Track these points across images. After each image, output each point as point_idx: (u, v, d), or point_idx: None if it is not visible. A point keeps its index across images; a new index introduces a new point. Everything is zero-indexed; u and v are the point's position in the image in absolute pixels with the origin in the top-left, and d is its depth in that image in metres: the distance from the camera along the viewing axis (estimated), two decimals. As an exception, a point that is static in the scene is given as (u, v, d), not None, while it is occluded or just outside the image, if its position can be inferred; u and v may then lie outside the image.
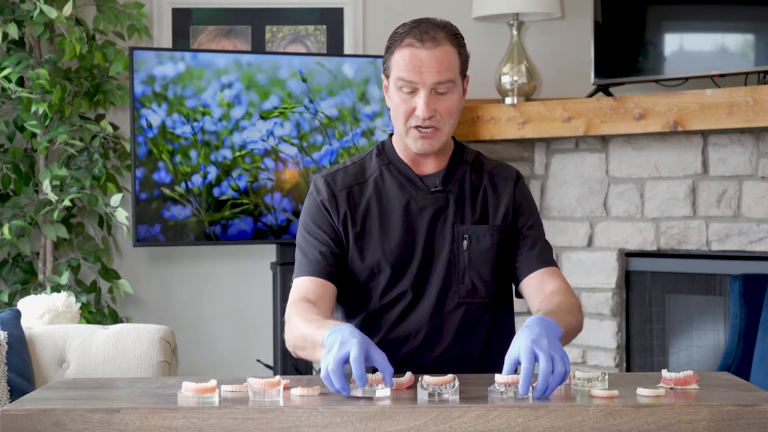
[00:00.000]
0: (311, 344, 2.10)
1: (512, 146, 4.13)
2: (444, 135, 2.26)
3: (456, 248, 2.28)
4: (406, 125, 2.25)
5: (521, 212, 2.34)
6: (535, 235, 2.34)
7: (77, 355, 2.80)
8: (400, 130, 2.28)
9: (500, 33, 4.16)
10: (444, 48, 2.21)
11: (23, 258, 4.00)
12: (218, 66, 3.74)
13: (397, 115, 2.26)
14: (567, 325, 2.11)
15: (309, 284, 2.26)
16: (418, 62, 2.20)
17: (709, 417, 1.78)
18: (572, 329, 2.18)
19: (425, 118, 2.21)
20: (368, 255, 2.28)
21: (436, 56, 2.20)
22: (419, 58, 2.20)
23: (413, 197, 2.30)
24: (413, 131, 2.24)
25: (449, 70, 2.22)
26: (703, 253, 3.76)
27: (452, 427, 1.77)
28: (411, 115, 2.23)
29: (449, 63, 2.22)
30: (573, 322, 2.18)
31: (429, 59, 2.20)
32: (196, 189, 3.73)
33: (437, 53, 2.20)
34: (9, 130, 3.94)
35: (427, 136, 2.24)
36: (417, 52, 2.21)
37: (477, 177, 2.35)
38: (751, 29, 3.63)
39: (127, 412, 1.78)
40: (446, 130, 2.25)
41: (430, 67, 2.20)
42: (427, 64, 2.20)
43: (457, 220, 2.30)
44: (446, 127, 2.25)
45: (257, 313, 4.26)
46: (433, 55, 2.20)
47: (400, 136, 2.29)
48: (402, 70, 2.22)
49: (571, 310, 2.20)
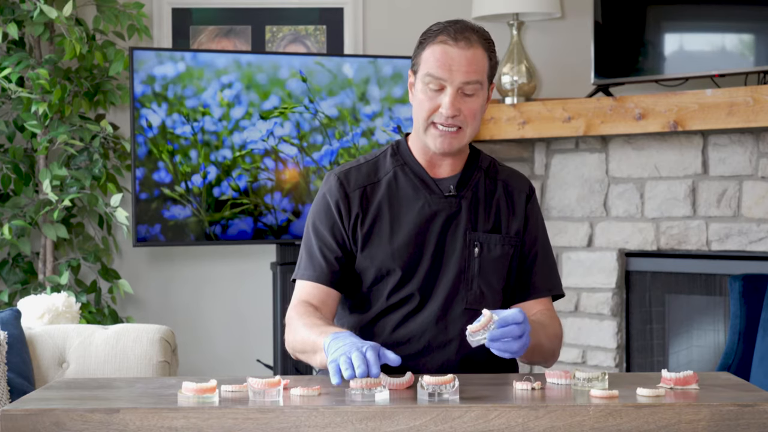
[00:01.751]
0: (311, 348, 2.11)
1: (512, 146, 4.13)
2: (465, 137, 2.25)
3: (467, 255, 2.28)
4: (427, 121, 2.24)
5: (528, 232, 2.35)
6: (537, 259, 2.36)
7: (77, 355, 2.80)
8: (419, 128, 2.26)
9: (500, 33, 4.16)
10: (476, 50, 2.22)
11: (23, 258, 4.00)
12: (218, 66, 3.74)
13: (419, 112, 2.25)
14: (536, 342, 2.17)
15: (312, 290, 2.27)
16: (449, 60, 2.20)
17: (709, 417, 1.78)
18: (541, 348, 2.23)
19: (449, 116, 2.21)
20: (378, 255, 2.27)
21: (468, 56, 2.20)
22: (450, 56, 2.20)
23: (427, 200, 2.29)
24: (433, 129, 2.23)
25: (478, 72, 2.21)
26: (703, 253, 3.76)
27: (452, 427, 1.77)
28: (434, 113, 2.22)
29: (479, 65, 2.22)
30: (545, 344, 2.24)
31: (460, 58, 2.20)
32: (196, 189, 3.73)
33: (469, 54, 2.20)
34: (9, 130, 3.94)
35: (447, 135, 2.23)
36: (449, 49, 2.20)
37: (491, 184, 2.34)
38: (751, 29, 3.63)
39: (127, 412, 1.78)
40: (468, 132, 2.24)
41: (461, 66, 2.20)
42: (458, 62, 2.20)
43: (470, 226, 2.29)
44: (468, 129, 2.24)
45: (257, 313, 4.26)
46: (464, 55, 2.20)
47: (419, 134, 2.28)
48: (432, 66, 2.21)
49: (549, 335, 2.27)
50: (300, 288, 2.29)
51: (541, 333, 2.23)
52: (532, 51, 4.19)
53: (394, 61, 3.90)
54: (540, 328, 2.23)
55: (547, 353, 2.29)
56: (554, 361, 2.36)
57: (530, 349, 2.14)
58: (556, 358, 2.36)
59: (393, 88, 3.89)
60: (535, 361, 2.31)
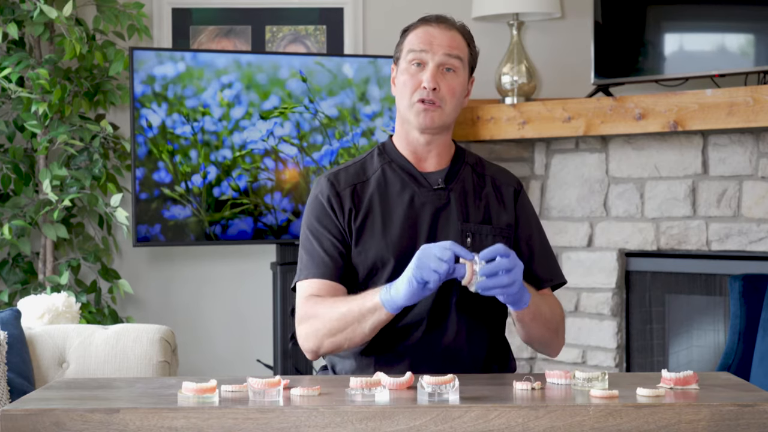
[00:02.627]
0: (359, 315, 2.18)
1: (512, 146, 4.13)
2: (445, 114, 2.32)
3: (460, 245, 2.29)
4: (410, 99, 2.31)
5: (521, 229, 2.38)
6: (534, 255, 2.38)
7: (77, 355, 2.80)
8: (404, 109, 2.33)
9: (500, 33, 4.16)
10: (456, 33, 2.34)
11: (23, 258, 4.00)
12: (218, 66, 3.74)
13: (403, 93, 2.33)
14: (536, 308, 2.22)
15: (318, 285, 2.30)
16: (430, 37, 2.32)
17: (709, 417, 1.78)
18: (542, 316, 2.26)
19: (430, 89, 2.28)
20: (372, 249, 2.29)
21: (448, 35, 2.33)
22: (432, 34, 2.32)
23: (416, 193, 2.33)
24: (417, 105, 2.30)
25: (459, 49, 2.33)
26: (703, 253, 3.76)
27: (452, 427, 1.77)
28: (417, 89, 2.30)
29: (459, 44, 2.34)
30: (546, 312, 2.27)
31: (441, 36, 2.32)
32: (196, 189, 3.73)
33: (450, 33, 2.33)
34: (9, 130, 3.94)
35: (429, 109, 2.29)
36: (430, 29, 2.33)
37: (479, 179, 2.39)
38: (751, 29, 3.63)
39: (127, 412, 1.78)
40: (447, 109, 2.31)
41: (442, 41, 2.31)
42: (439, 39, 2.31)
43: (462, 218, 2.31)
44: (447, 106, 2.31)
45: (257, 313, 4.26)
46: (445, 34, 2.33)
47: (404, 118, 2.34)
48: (414, 43, 2.33)
49: (550, 304, 2.31)
50: (305, 287, 2.31)
51: (540, 302, 2.26)
52: (532, 51, 4.19)
53: (394, 61, 3.90)
54: (540, 299, 2.27)
55: (550, 327, 2.29)
56: (560, 344, 2.37)
57: (530, 313, 2.20)
58: (561, 341, 2.36)
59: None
60: (540, 337, 2.31)
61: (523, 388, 1.94)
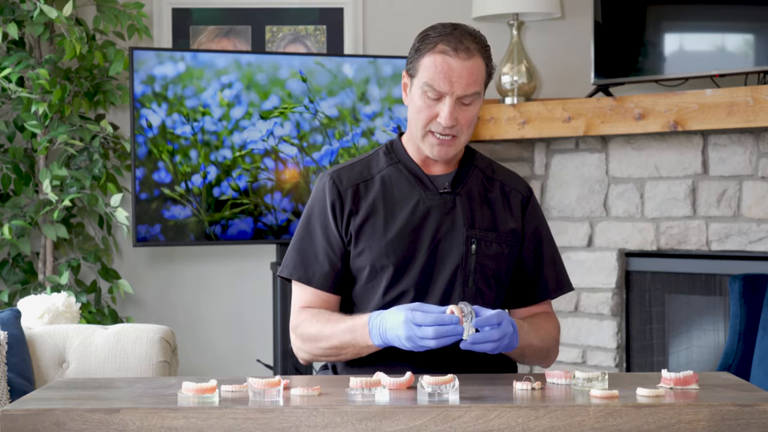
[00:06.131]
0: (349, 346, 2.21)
1: (512, 146, 4.13)
2: (460, 144, 2.28)
3: (464, 251, 2.28)
4: (424, 129, 2.25)
5: (527, 237, 2.37)
6: (544, 265, 2.39)
7: (77, 355, 2.80)
8: (416, 134, 2.28)
9: (500, 33, 4.16)
10: (476, 60, 2.23)
11: (23, 258, 4.00)
12: (218, 66, 3.74)
13: (417, 119, 2.26)
14: (527, 343, 2.22)
15: (312, 297, 2.31)
16: (450, 71, 2.20)
17: (709, 417, 1.78)
18: (532, 349, 2.27)
19: (447, 126, 2.22)
20: (371, 251, 2.28)
21: (468, 67, 2.21)
22: (451, 68, 2.20)
23: (421, 197, 2.30)
24: (431, 137, 2.25)
25: (477, 84, 2.23)
26: (703, 253, 3.76)
27: (452, 427, 1.77)
28: (432, 121, 2.24)
29: (478, 75, 2.23)
30: (537, 344, 2.27)
31: (461, 70, 2.20)
32: (196, 189, 3.73)
33: (469, 65, 2.21)
34: (9, 130, 3.94)
35: (444, 143, 2.25)
36: (450, 60, 2.21)
37: (488, 183, 2.36)
38: (751, 29, 3.63)
39: (127, 412, 1.78)
40: (463, 139, 2.27)
41: (461, 78, 2.20)
42: (458, 74, 2.20)
43: (467, 223, 2.30)
44: (463, 136, 2.26)
45: (257, 313, 4.26)
46: (465, 67, 2.21)
47: (414, 138, 2.29)
48: (431, 76, 2.21)
49: (543, 336, 2.30)
50: (299, 295, 2.33)
51: (532, 335, 2.26)
52: (532, 51, 4.19)
53: (394, 61, 3.90)
54: (532, 329, 2.26)
55: (539, 354, 2.31)
56: (551, 362, 2.38)
57: (519, 349, 2.21)
58: (552, 359, 2.37)
59: (393, 88, 3.89)
60: (529, 362, 2.33)
61: (523, 388, 1.94)
